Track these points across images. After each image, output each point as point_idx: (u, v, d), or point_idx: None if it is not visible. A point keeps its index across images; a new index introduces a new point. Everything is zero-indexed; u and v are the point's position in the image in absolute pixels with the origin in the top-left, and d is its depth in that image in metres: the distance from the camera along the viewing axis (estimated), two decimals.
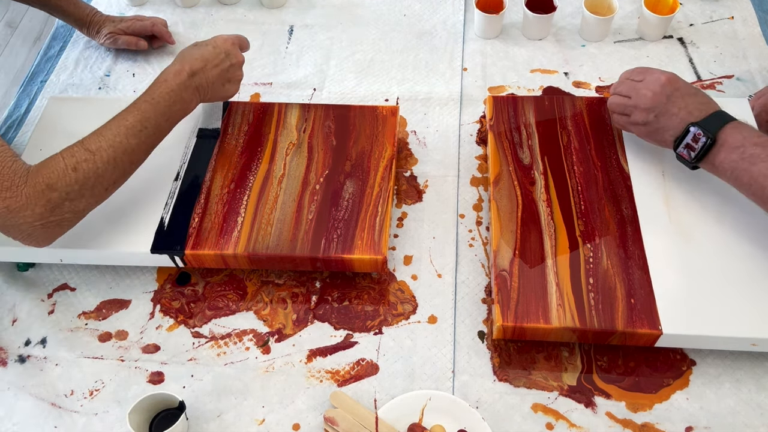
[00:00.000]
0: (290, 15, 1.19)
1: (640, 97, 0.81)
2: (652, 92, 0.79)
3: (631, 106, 0.82)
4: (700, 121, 0.76)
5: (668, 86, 0.79)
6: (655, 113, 0.79)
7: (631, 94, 0.82)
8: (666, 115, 0.79)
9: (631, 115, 0.82)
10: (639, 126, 0.82)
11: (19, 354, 0.81)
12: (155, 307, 0.85)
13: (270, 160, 0.89)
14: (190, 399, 0.77)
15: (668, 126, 0.78)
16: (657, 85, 0.79)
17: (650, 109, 0.79)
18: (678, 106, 0.78)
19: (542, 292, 0.76)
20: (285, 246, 0.81)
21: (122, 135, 0.76)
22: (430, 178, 0.95)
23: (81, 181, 0.72)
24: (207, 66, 0.83)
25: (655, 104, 0.79)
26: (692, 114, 0.77)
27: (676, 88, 0.79)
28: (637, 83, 0.82)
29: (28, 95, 1.10)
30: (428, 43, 1.13)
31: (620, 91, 0.84)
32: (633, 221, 0.82)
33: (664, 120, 0.79)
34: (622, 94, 0.84)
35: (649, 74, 0.81)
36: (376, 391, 0.77)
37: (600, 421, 0.74)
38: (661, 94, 0.79)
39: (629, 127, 0.84)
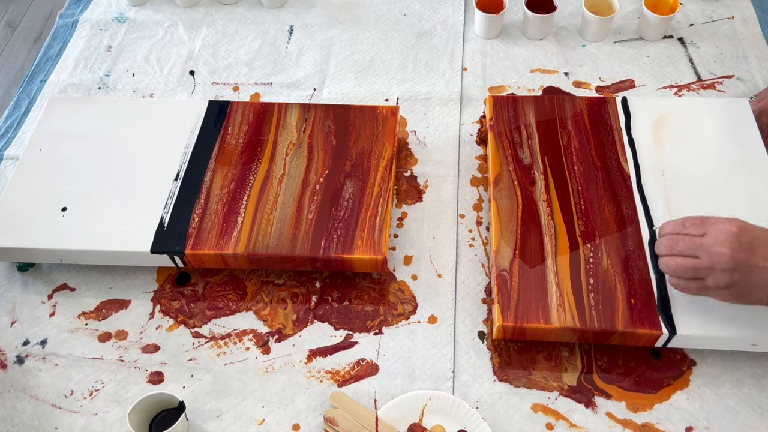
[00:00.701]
0: (290, 15, 1.19)
1: (713, 258, 0.67)
2: (730, 248, 0.66)
3: (705, 269, 0.68)
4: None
5: (744, 236, 0.66)
6: (740, 272, 0.66)
7: (699, 253, 0.68)
8: (754, 271, 0.66)
9: (708, 278, 0.68)
10: (722, 290, 0.68)
11: (18, 354, 0.81)
12: (155, 307, 0.85)
13: (270, 160, 0.89)
14: (190, 399, 0.77)
15: (760, 283, 0.66)
16: (732, 239, 0.66)
17: (733, 270, 0.66)
18: (763, 257, 0.66)
19: (542, 292, 0.76)
20: (285, 246, 0.81)
21: None
22: (430, 178, 0.95)
23: None
24: None
25: (737, 263, 0.66)
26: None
27: (754, 237, 0.67)
28: (701, 239, 0.68)
29: (28, 95, 1.10)
30: (428, 43, 1.13)
31: (680, 251, 0.70)
32: (633, 221, 0.82)
33: (754, 278, 0.66)
34: (685, 255, 0.70)
35: (711, 226, 0.68)
36: (376, 391, 0.77)
37: (600, 421, 0.74)
38: (740, 249, 0.66)
39: (706, 292, 0.70)
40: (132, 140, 0.92)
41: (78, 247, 0.82)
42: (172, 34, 1.16)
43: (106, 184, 0.87)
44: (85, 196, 0.86)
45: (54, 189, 0.87)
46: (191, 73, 1.10)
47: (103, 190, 0.87)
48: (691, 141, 0.88)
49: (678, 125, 0.90)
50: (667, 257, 0.72)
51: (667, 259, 0.72)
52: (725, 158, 0.86)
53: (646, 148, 0.88)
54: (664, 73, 1.07)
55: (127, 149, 0.91)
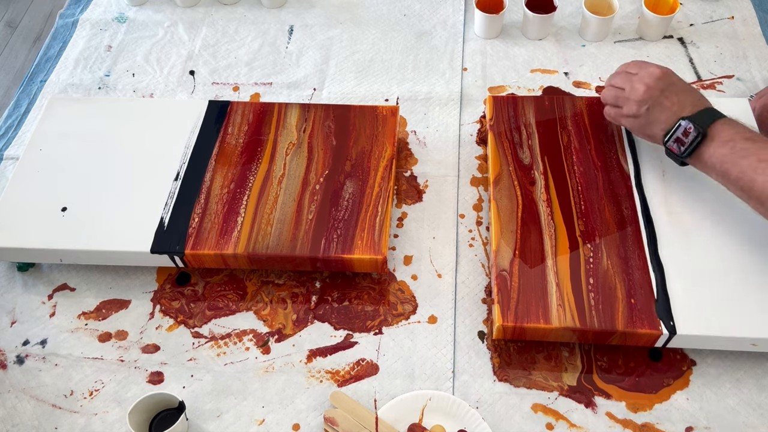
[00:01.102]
0: (290, 15, 1.19)
1: (633, 90, 0.80)
2: (646, 85, 0.79)
3: (623, 98, 0.81)
4: (692, 115, 0.75)
5: (663, 80, 0.79)
6: (647, 106, 0.79)
7: (625, 86, 0.81)
8: (658, 108, 0.78)
9: (624, 106, 0.82)
10: (630, 118, 0.81)
11: (18, 354, 0.81)
12: (155, 307, 0.85)
13: (270, 160, 0.89)
14: (189, 399, 0.77)
15: (659, 119, 0.78)
16: (651, 79, 0.79)
17: (642, 102, 0.79)
18: (671, 100, 0.78)
19: (542, 292, 0.76)
20: (285, 246, 0.81)
21: None
22: (430, 178, 0.95)
23: None
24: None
25: (648, 97, 0.79)
26: (684, 109, 0.77)
27: (671, 83, 0.79)
28: (632, 75, 0.81)
29: (28, 95, 1.10)
30: (428, 43, 1.13)
31: (615, 82, 0.84)
32: (633, 221, 0.82)
33: (656, 113, 0.78)
34: (616, 86, 0.83)
35: (644, 68, 0.81)
36: (376, 391, 0.77)
37: (600, 421, 0.74)
38: (655, 87, 0.78)
39: (620, 119, 0.84)
40: (132, 140, 0.92)
41: (78, 247, 0.82)
42: (172, 34, 1.16)
43: (106, 184, 0.87)
44: (85, 196, 0.86)
45: (54, 189, 0.87)
46: (191, 73, 1.10)
47: (103, 190, 0.87)
48: None
49: None
50: (606, 87, 0.85)
51: (605, 88, 0.86)
52: None
53: (646, 148, 0.88)
54: None
55: (127, 149, 0.91)
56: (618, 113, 0.83)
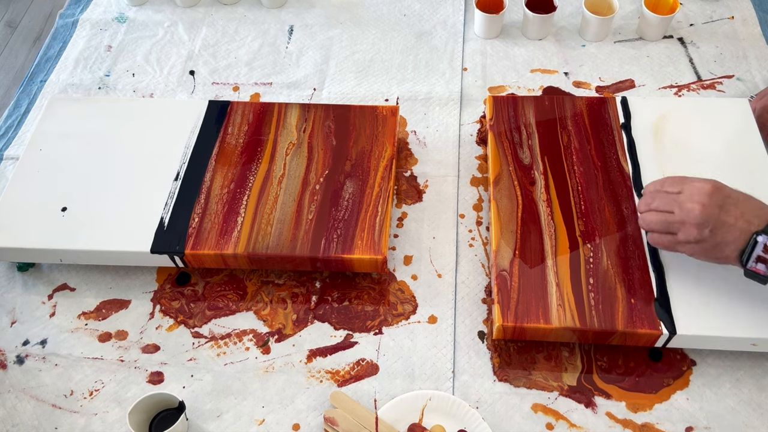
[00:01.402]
0: (290, 15, 1.19)
1: (686, 212, 0.70)
2: (701, 204, 0.69)
3: (677, 223, 0.71)
4: (766, 227, 0.67)
5: (717, 195, 0.69)
6: (710, 228, 0.69)
7: (673, 208, 0.71)
8: (723, 228, 0.68)
9: (679, 232, 0.71)
10: (692, 245, 0.71)
11: (18, 354, 0.81)
12: (155, 307, 0.85)
13: (270, 160, 0.89)
14: (190, 399, 0.77)
15: (728, 239, 0.69)
16: (704, 197, 0.69)
17: (703, 224, 0.69)
18: (734, 215, 0.68)
19: (542, 292, 0.76)
20: (285, 246, 0.81)
21: None
22: (430, 178, 0.95)
23: None
24: None
25: (707, 218, 0.69)
26: (752, 222, 0.68)
27: (726, 196, 0.69)
28: (676, 196, 0.72)
29: (28, 95, 1.10)
30: (428, 43, 1.13)
31: (657, 206, 0.74)
32: (633, 221, 0.81)
33: (722, 234, 0.69)
34: (660, 210, 0.73)
35: (687, 184, 0.71)
36: (376, 391, 0.77)
37: (600, 421, 0.74)
38: (712, 205, 0.69)
39: (677, 247, 0.73)
40: (132, 140, 0.92)
41: (78, 247, 0.82)
42: (172, 34, 1.16)
43: (106, 184, 0.87)
44: (85, 196, 0.86)
45: (54, 189, 0.87)
46: (191, 73, 1.10)
47: (103, 190, 0.87)
48: (691, 141, 0.88)
49: (678, 125, 0.90)
50: (645, 213, 0.75)
51: (645, 214, 0.75)
52: (725, 158, 0.86)
53: (646, 148, 0.88)
54: (664, 73, 1.07)
55: (127, 149, 0.91)
56: (672, 241, 0.73)
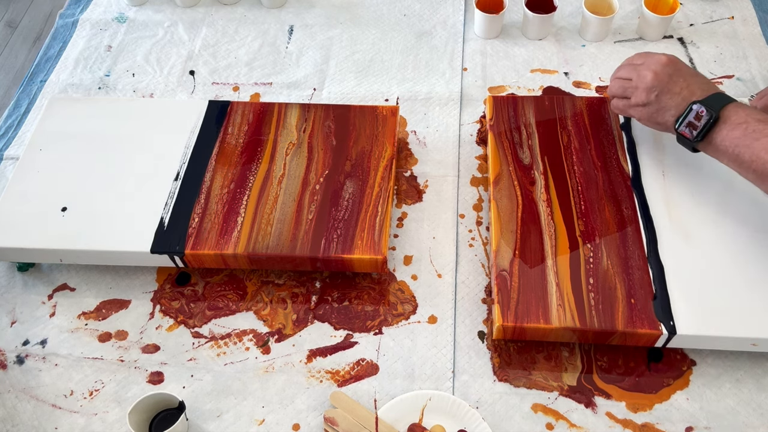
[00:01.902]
0: (290, 15, 1.19)
1: (641, 78, 0.79)
2: (653, 72, 0.78)
3: (631, 88, 0.81)
4: (703, 99, 0.75)
5: (670, 66, 0.78)
6: (657, 92, 0.78)
7: (632, 75, 0.81)
8: (668, 94, 0.77)
9: (632, 96, 0.81)
10: (639, 107, 0.80)
11: (18, 354, 0.81)
12: (155, 307, 0.85)
13: (270, 160, 0.89)
14: (190, 399, 0.77)
15: (670, 105, 0.77)
16: (658, 65, 0.78)
17: (652, 89, 0.78)
18: (680, 85, 0.77)
19: (542, 292, 0.76)
20: (285, 246, 0.81)
21: None
22: (430, 178, 0.95)
23: None
24: None
25: (656, 83, 0.78)
26: (694, 93, 0.76)
27: (678, 69, 0.78)
28: (638, 65, 0.81)
29: (28, 95, 1.10)
30: (428, 43, 1.13)
31: (620, 75, 0.83)
32: (633, 221, 0.82)
33: (666, 99, 0.77)
34: (623, 77, 0.83)
35: (650, 56, 0.80)
36: (376, 391, 0.77)
37: (600, 421, 0.74)
38: (663, 73, 0.78)
39: (629, 110, 0.82)
40: (132, 140, 0.92)
41: (78, 247, 0.82)
42: (172, 34, 1.16)
43: (106, 184, 0.87)
44: (85, 196, 0.86)
45: (54, 189, 0.87)
46: (191, 73, 1.10)
47: (103, 190, 0.87)
48: None
49: None
50: (612, 80, 0.85)
51: (611, 81, 0.85)
52: None
53: (646, 148, 0.88)
54: None
55: (127, 149, 0.91)
56: (626, 104, 0.82)
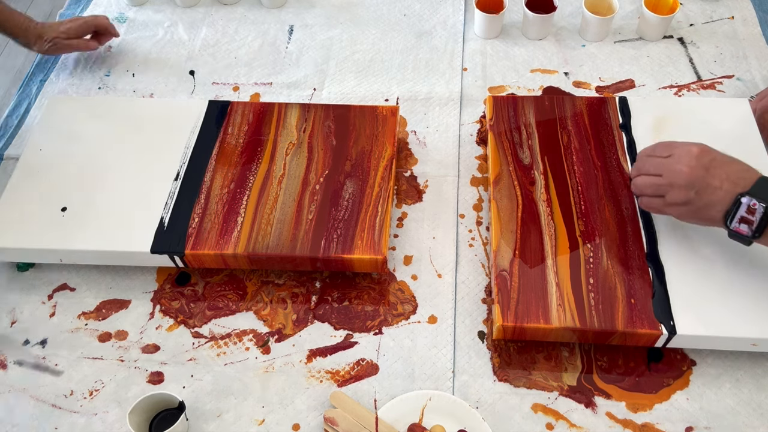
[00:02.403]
0: (290, 15, 1.19)
1: (674, 174, 0.72)
2: (688, 167, 0.71)
3: (665, 186, 0.73)
4: (750, 189, 0.69)
5: (703, 157, 0.71)
6: (696, 189, 0.71)
7: (662, 171, 0.74)
8: (709, 190, 0.70)
9: (667, 195, 0.73)
10: (679, 206, 0.73)
11: (17, 354, 0.81)
12: (155, 307, 0.85)
13: (270, 160, 0.89)
14: (190, 399, 0.77)
15: (713, 201, 0.70)
16: (691, 159, 0.71)
17: (689, 186, 0.71)
18: (719, 177, 0.70)
19: (542, 292, 0.76)
20: (285, 246, 0.81)
21: None
22: (430, 178, 0.95)
23: None
24: None
25: (693, 180, 0.71)
26: (737, 184, 0.69)
27: (713, 159, 0.71)
28: (665, 160, 0.74)
29: (28, 95, 1.10)
30: (428, 43, 1.13)
31: (646, 170, 0.76)
32: (633, 221, 0.82)
33: (708, 195, 0.70)
34: (650, 173, 0.75)
35: (676, 148, 0.74)
36: (376, 391, 0.77)
37: (600, 421, 0.74)
38: (698, 167, 0.71)
39: (666, 209, 0.75)
40: (132, 140, 0.92)
41: (78, 247, 0.82)
42: (172, 34, 1.16)
43: (106, 184, 0.87)
44: (85, 196, 0.86)
45: (54, 189, 0.87)
46: (191, 73, 1.10)
47: (103, 190, 0.87)
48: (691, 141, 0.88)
49: (678, 125, 0.90)
50: (636, 177, 0.78)
51: (636, 178, 0.78)
52: None
53: None
54: (664, 73, 1.07)
55: (127, 149, 0.91)
56: (662, 204, 0.75)
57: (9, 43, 2.23)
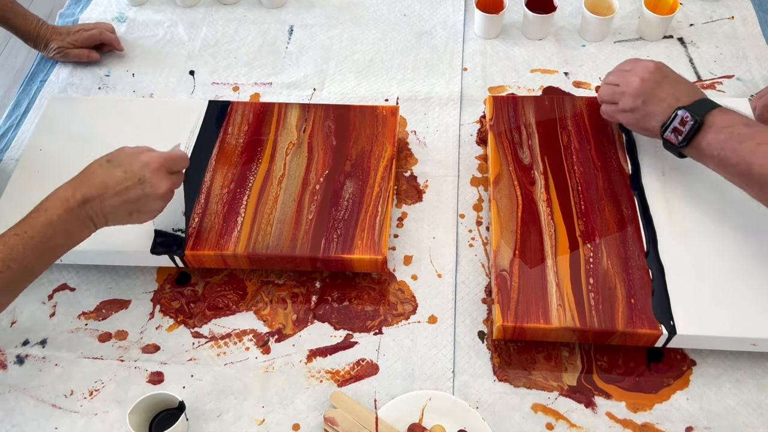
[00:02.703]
0: (290, 15, 1.19)
1: (628, 84, 0.81)
2: (641, 78, 0.79)
3: (619, 93, 0.82)
4: (688, 105, 0.76)
5: (657, 73, 0.79)
6: (643, 98, 0.79)
7: (620, 81, 0.82)
8: (654, 101, 0.79)
9: (620, 102, 0.82)
10: (626, 113, 0.82)
11: (18, 354, 0.81)
12: (155, 307, 0.85)
13: (270, 160, 0.89)
14: (190, 399, 0.77)
15: (656, 111, 0.78)
16: (645, 72, 0.80)
17: (638, 95, 0.79)
18: (666, 91, 0.78)
19: (542, 292, 0.76)
20: (285, 246, 0.81)
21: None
22: (430, 178, 0.95)
23: None
24: (106, 194, 0.69)
25: (643, 90, 0.79)
26: (680, 100, 0.77)
27: (665, 75, 0.80)
28: (626, 72, 0.82)
29: (28, 95, 1.10)
30: (428, 43, 1.13)
31: (610, 80, 0.85)
32: (633, 221, 0.82)
33: (652, 105, 0.79)
34: (612, 83, 0.84)
35: (638, 63, 0.82)
36: (376, 391, 0.77)
37: (600, 421, 0.74)
38: (650, 80, 0.79)
39: (617, 115, 0.83)
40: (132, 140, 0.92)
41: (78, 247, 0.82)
42: (172, 34, 1.16)
43: None
44: None
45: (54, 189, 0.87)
46: (191, 73, 1.10)
47: None
48: None
49: None
50: (602, 85, 0.86)
51: (601, 87, 0.86)
52: None
53: (646, 148, 0.88)
54: None
55: None
56: (614, 109, 0.84)
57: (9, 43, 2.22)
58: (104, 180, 0.69)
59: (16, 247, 0.65)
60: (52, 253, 0.68)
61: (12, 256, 0.64)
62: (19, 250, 0.65)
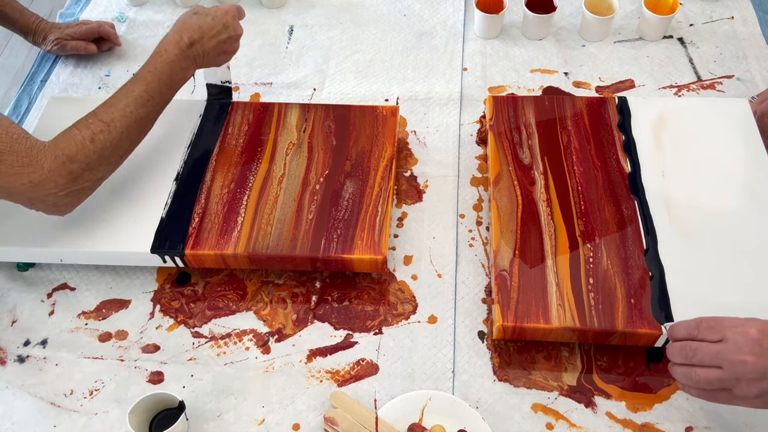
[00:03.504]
0: (290, 15, 1.19)
1: (737, 366, 0.61)
2: (753, 355, 0.60)
3: (731, 380, 0.62)
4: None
5: (765, 340, 0.61)
6: None
7: (720, 363, 0.62)
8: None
9: (735, 389, 0.62)
10: (752, 400, 0.62)
11: (18, 354, 0.81)
12: (155, 307, 0.85)
13: (270, 160, 0.89)
14: (190, 399, 0.77)
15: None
16: (754, 345, 0.61)
17: (761, 378, 0.60)
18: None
19: (542, 292, 0.76)
20: (285, 246, 0.81)
21: (132, 105, 0.78)
22: (430, 178, 0.95)
23: (99, 151, 0.76)
24: (204, 37, 0.83)
25: (764, 370, 0.60)
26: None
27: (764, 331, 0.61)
28: (719, 347, 0.63)
29: (28, 95, 1.10)
30: (428, 43, 1.13)
31: (700, 361, 0.64)
32: (633, 221, 0.82)
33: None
34: (705, 365, 0.64)
35: (728, 330, 0.63)
36: (376, 391, 0.77)
37: (600, 421, 0.74)
38: (763, 355, 0.60)
39: (736, 402, 0.64)
40: None
41: (78, 247, 0.82)
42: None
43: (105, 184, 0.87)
44: None
45: None
46: None
47: (103, 190, 0.87)
48: (691, 141, 0.88)
49: (678, 125, 0.90)
50: (686, 368, 0.65)
51: (686, 370, 0.65)
52: (725, 158, 0.86)
53: (646, 148, 0.88)
54: (664, 73, 1.07)
55: None
56: (729, 397, 0.64)
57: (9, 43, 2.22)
58: (200, 25, 0.83)
59: (152, 81, 0.80)
60: (176, 87, 0.84)
61: (151, 88, 0.80)
62: (154, 83, 0.80)
